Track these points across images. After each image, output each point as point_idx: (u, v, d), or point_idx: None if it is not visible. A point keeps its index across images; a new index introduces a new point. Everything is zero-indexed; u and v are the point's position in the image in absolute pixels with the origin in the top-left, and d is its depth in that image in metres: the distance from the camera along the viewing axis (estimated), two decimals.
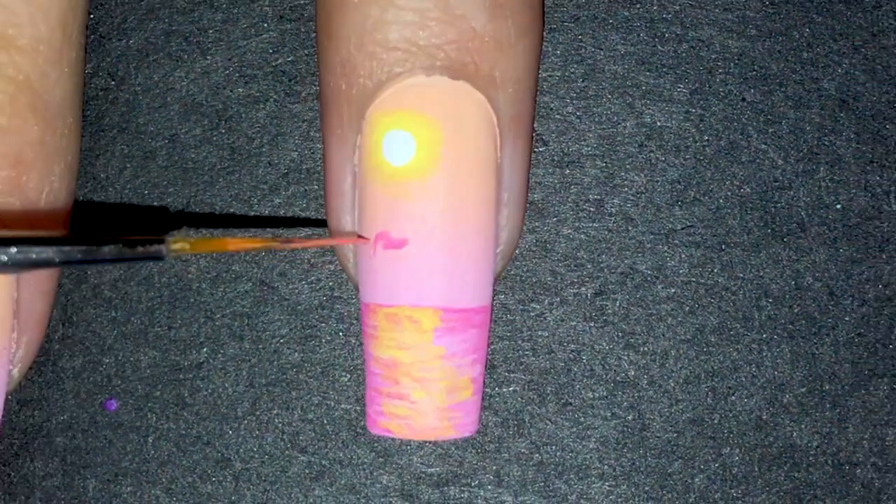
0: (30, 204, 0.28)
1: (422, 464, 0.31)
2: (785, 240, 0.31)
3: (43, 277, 0.29)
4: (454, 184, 0.28)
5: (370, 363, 0.29)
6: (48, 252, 0.25)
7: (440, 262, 0.28)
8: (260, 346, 0.31)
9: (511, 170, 0.29)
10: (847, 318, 0.31)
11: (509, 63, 0.28)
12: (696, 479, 0.31)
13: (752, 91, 0.31)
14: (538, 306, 0.31)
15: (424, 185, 0.28)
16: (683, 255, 0.31)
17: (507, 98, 0.28)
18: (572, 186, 0.31)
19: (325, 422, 0.31)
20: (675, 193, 0.31)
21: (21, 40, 0.27)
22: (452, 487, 0.31)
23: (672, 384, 0.31)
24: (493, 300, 0.31)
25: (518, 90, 0.28)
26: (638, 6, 0.31)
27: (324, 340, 0.31)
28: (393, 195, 0.28)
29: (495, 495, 0.31)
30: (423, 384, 0.28)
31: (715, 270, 0.31)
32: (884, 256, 0.31)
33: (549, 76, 0.31)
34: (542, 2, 0.30)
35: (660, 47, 0.31)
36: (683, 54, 0.31)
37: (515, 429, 0.31)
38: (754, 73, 0.31)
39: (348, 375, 0.31)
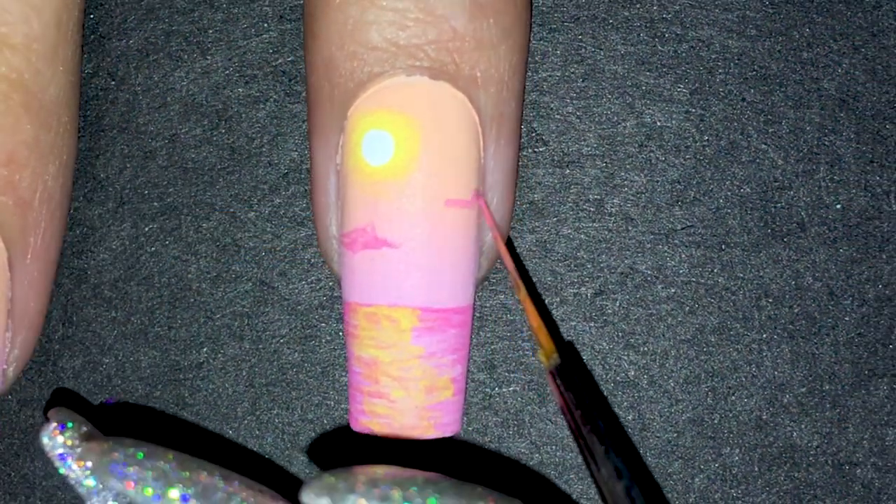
0: (23, 203, 0.28)
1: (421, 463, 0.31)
2: (785, 240, 0.31)
3: (37, 276, 0.29)
4: (433, 183, 0.28)
5: (352, 362, 0.29)
6: None
7: (418, 262, 0.28)
8: (260, 346, 0.31)
9: (495, 170, 0.29)
10: (847, 318, 0.31)
11: (491, 63, 0.28)
12: (696, 479, 0.31)
13: (752, 91, 0.31)
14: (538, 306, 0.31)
15: (403, 184, 0.28)
16: (683, 255, 0.31)
17: (489, 98, 0.28)
18: (572, 186, 0.31)
19: (325, 422, 0.31)
20: (675, 193, 0.31)
21: (14, 38, 0.27)
22: None
23: (672, 384, 0.31)
24: (493, 300, 0.31)
25: (501, 90, 0.28)
26: (638, 6, 0.31)
27: (324, 340, 0.31)
28: (372, 195, 0.28)
29: None
30: (402, 383, 0.28)
31: (715, 270, 0.31)
32: (884, 256, 0.31)
33: (549, 76, 0.31)
34: (529, 1, 0.30)
35: (660, 47, 0.31)
36: (683, 54, 0.31)
37: (515, 429, 0.31)
38: (754, 73, 0.31)
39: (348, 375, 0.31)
